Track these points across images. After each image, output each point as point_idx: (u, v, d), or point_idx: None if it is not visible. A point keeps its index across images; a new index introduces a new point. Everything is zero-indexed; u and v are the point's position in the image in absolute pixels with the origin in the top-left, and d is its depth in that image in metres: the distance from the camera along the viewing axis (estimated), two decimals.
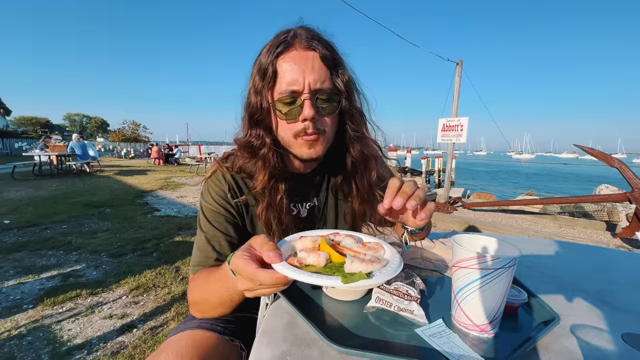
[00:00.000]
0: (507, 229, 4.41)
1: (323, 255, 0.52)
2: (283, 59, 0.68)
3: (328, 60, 0.69)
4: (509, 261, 0.47)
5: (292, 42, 0.68)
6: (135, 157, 22.29)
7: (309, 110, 0.67)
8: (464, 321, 0.50)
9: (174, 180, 9.20)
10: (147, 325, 1.98)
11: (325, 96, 0.69)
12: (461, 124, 6.53)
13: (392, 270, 0.50)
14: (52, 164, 9.66)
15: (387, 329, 0.51)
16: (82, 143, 10.39)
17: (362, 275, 0.47)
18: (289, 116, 0.69)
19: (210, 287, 0.64)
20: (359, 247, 0.57)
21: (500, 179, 24.77)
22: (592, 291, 0.68)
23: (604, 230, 4.75)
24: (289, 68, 0.67)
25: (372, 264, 0.50)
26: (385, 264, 0.52)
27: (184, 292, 2.37)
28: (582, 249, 1.03)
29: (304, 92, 0.67)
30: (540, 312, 0.57)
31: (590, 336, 0.50)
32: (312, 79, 0.66)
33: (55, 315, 2.06)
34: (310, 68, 0.67)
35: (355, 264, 0.49)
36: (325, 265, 0.52)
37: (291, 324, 0.53)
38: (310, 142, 0.70)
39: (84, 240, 3.54)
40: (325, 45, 0.69)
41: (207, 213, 0.76)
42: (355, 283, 0.46)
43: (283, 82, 0.67)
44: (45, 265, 2.85)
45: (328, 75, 0.69)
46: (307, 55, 0.68)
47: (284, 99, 0.68)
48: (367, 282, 0.46)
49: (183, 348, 0.62)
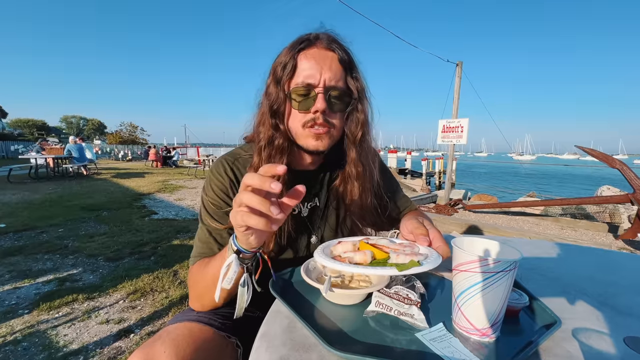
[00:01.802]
0: (508, 231, 4.41)
1: (369, 254, 0.57)
2: (304, 54, 0.73)
3: (345, 63, 0.75)
4: (509, 264, 0.47)
5: (314, 41, 0.75)
6: (132, 159, 22.24)
7: (321, 103, 0.72)
8: (464, 325, 0.50)
9: (171, 182, 9.19)
10: (144, 330, 1.97)
11: (338, 94, 0.74)
12: (461, 125, 6.54)
13: (435, 259, 0.54)
14: (49, 166, 9.65)
15: (387, 333, 0.51)
16: (79, 145, 10.38)
17: (415, 263, 0.52)
18: (302, 106, 0.73)
19: (210, 265, 0.68)
20: (397, 245, 0.62)
21: (501, 180, 24.80)
22: (595, 294, 0.68)
23: (606, 232, 4.75)
24: (308, 63, 0.73)
25: (415, 256, 0.54)
26: (425, 257, 0.56)
27: (182, 296, 2.36)
28: (584, 251, 1.03)
29: (319, 86, 0.72)
30: (542, 316, 0.56)
31: (592, 340, 0.50)
32: (327, 76, 0.72)
33: (51, 321, 2.05)
34: (327, 66, 0.73)
35: (401, 256, 0.54)
36: (371, 262, 0.56)
37: (290, 328, 0.52)
38: (317, 134, 0.75)
39: (80, 243, 3.52)
40: (344, 50, 0.76)
41: (208, 207, 0.78)
42: (409, 270, 0.50)
43: (301, 75, 0.73)
44: (41, 269, 2.84)
45: (343, 76, 0.75)
46: (327, 54, 0.74)
47: (299, 90, 0.72)
48: (419, 269, 0.51)
49: (180, 337, 0.62)
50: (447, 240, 0.74)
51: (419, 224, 0.62)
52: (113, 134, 42.21)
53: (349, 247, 0.62)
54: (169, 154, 16.68)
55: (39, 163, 9.31)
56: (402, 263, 0.53)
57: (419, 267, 0.51)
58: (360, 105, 0.79)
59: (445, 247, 0.59)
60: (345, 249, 0.61)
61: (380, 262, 0.56)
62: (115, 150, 28.46)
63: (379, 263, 0.56)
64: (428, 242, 0.59)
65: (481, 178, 25.43)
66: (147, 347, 0.61)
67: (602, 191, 6.40)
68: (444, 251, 0.58)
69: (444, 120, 6.79)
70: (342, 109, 0.76)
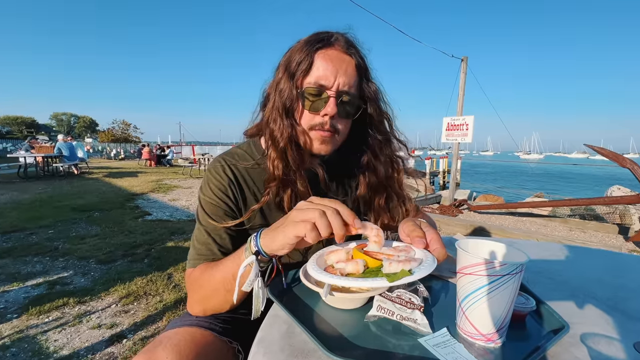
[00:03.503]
0: (514, 232, 4.41)
1: (361, 263, 0.57)
2: (322, 54, 0.74)
3: (360, 69, 0.77)
4: (516, 267, 0.47)
5: (333, 42, 0.75)
6: (125, 158, 22.24)
7: (332, 107, 0.73)
8: (469, 330, 0.50)
9: (166, 182, 9.19)
10: (137, 335, 1.97)
11: (349, 99, 0.75)
12: (466, 123, 6.54)
13: (429, 265, 0.53)
14: (38, 165, 9.64)
15: (389, 338, 0.51)
16: (70, 143, 10.37)
17: (405, 272, 0.52)
18: (312, 108, 0.74)
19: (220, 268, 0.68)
20: (391, 250, 0.61)
21: (507, 180, 24.83)
22: (604, 298, 0.68)
23: (616, 234, 4.75)
24: (324, 64, 0.73)
25: (409, 262, 0.54)
26: (420, 263, 0.55)
27: (176, 300, 2.37)
28: (593, 253, 1.03)
29: (332, 89, 0.73)
30: (549, 320, 0.56)
31: (601, 345, 0.50)
32: (342, 81, 0.73)
33: (41, 325, 2.05)
34: (343, 70, 0.73)
35: (394, 265, 0.54)
36: (364, 271, 0.56)
37: (289, 334, 0.53)
38: (323, 137, 0.76)
39: (71, 245, 3.52)
40: (360, 56, 0.77)
41: (206, 207, 0.78)
42: (400, 280, 0.50)
43: (315, 74, 0.73)
44: (30, 272, 2.83)
45: (357, 82, 0.77)
46: (344, 58, 0.75)
47: (312, 90, 0.73)
48: (410, 278, 0.50)
49: (182, 342, 0.63)
50: (451, 243, 0.74)
51: (416, 226, 0.63)
52: (105, 131, 42.18)
53: (342, 255, 0.62)
54: (163, 152, 16.67)
55: (28, 162, 9.30)
56: (393, 273, 0.52)
57: (409, 277, 0.50)
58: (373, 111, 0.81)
59: (442, 249, 0.59)
60: (338, 257, 0.61)
61: (374, 270, 0.56)
62: (107, 148, 28.47)
63: (372, 272, 0.55)
64: (424, 244, 0.60)
65: (487, 178, 25.46)
66: (148, 352, 0.61)
67: (612, 191, 6.40)
68: (440, 254, 0.59)
69: (449, 118, 6.79)
70: (351, 115, 0.78)
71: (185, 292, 2.46)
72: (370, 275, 0.54)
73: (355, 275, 0.55)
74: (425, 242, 0.60)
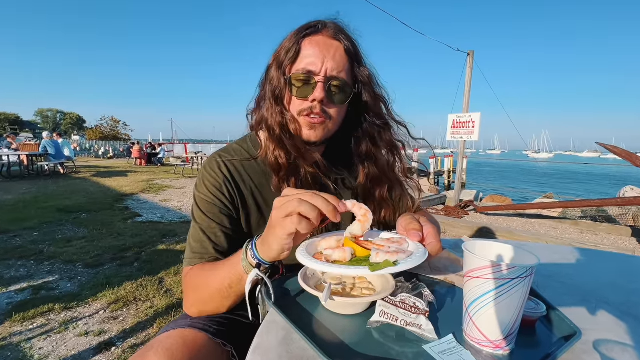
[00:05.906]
0: (523, 234, 4.42)
1: (348, 251, 0.58)
2: (309, 40, 0.76)
3: (350, 53, 0.78)
4: (526, 270, 0.47)
5: (321, 29, 0.78)
6: (114, 156, 22.20)
7: (320, 92, 0.74)
8: (476, 337, 0.50)
9: (157, 182, 9.18)
10: (127, 342, 1.97)
11: (339, 84, 0.77)
12: (473, 120, 6.55)
13: (418, 258, 0.54)
14: (22, 164, 9.61)
15: (393, 345, 0.51)
16: (56, 141, 10.35)
17: (389, 262, 0.53)
18: (300, 93, 0.76)
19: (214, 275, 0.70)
20: (383, 241, 0.62)
21: (515, 180, 24.88)
22: (617, 303, 0.69)
23: (629, 236, 4.77)
24: (312, 50, 0.75)
25: (397, 254, 0.55)
26: (409, 255, 0.56)
27: (168, 305, 2.36)
28: (606, 256, 1.04)
29: (319, 75, 0.75)
30: (560, 326, 0.57)
31: (614, 352, 0.51)
32: (330, 66, 0.75)
33: (25, 332, 2.04)
34: (331, 55, 0.75)
35: (381, 255, 0.54)
36: (351, 260, 0.57)
37: (287, 340, 0.52)
38: (312, 123, 0.78)
39: (57, 249, 3.52)
40: (351, 40, 0.79)
41: (201, 204, 0.79)
42: (382, 270, 0.51)
43: (303, 61, 0.76)
44: (14, 276, 2.83)
45: (346, 68, 0.78)
46: (332, 43, 0.77)
47: (299, 76, 0.75)
48: (393, 269, 0.51)
49: (174, 346, 0.64)
50: (457, 245, 0.74)
51: (414, 219, 0.64)
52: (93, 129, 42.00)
53: (332, 243, 0.63)
54: (154, 150, 16.64)
55: (11, 160, 9.28)
56: (376, 263, 0.54)
57: (392, 268, 0.51)
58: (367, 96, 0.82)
59: (437, 244, 0.60)
60: (328, 244, 0.63)
61: (361, 259, 0.57)
62: (95, 146, 28.40)
63: (359, 261, 0.57)
64: (420, 237, 0.61)
65: (494, 177, 25.52)
66: (140, 357, 0.62)
67: (625, 192, 6.43)
68: (434, 248, 0.59)
69: (454, 115, 6.80)
70: (342, 101, 0.79)
71: (177, 298, 2.46)
72: (356, 264, 0.55)
73: (341, 263, 0.56)
74: (420, 235, 0.61)
